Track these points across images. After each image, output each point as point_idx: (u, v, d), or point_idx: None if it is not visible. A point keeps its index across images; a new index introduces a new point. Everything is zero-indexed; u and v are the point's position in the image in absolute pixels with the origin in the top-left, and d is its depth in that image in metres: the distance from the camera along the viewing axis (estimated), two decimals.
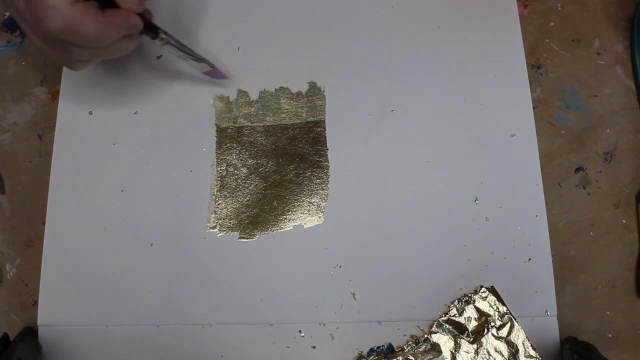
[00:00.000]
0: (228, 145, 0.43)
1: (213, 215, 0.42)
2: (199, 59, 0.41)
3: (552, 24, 0.46)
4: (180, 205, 0.42)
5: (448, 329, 0.39)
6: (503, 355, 0.38)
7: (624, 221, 0.42)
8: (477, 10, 0.45)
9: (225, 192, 0.42)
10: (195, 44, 0.45)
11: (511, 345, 0.38)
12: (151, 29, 0.38)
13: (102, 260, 0.41)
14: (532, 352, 0.38)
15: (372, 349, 0.40)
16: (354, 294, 0.40)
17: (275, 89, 0.44)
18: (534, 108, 0.43)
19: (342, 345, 0.40)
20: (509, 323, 0.39)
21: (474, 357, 0.38)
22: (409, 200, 0.42)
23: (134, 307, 0.40)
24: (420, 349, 0.39)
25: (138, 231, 0.41)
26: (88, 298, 0.40)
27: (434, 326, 0.39)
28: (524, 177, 0.42)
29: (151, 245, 0.41)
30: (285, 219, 0.42)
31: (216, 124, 0.43)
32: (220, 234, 0.41)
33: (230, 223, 0.42)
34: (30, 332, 0.39)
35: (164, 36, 0.38)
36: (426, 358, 0.39)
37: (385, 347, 0.40)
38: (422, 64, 0.44)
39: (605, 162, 0.43)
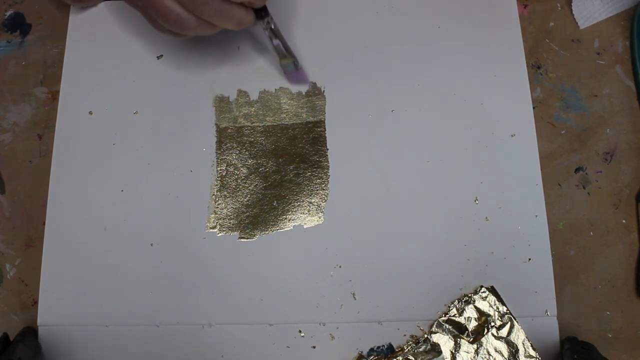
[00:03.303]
0: (228, 145, 0.43)
1: (213, 215, 0.42)
2: (290, 54, 0.42)
3: (552, 24, 0.46)
4: (180, 205, 0.42)
5: (448, 329, 0.39)
6: (503, 355, 0.38)
7: (624, 221, 0.42)
8: (477, 11, 0.45)
9: (225, 192, 0.42)
10: (195, 44, 0.45)
11: (511, 345, 0.38)
12: (262, 10, 0.38)
13: (102, 261, 0.41)
14: (532, 352, 0.38)
15: (372, 349, 0.40)
16: (354, 294, 0.40)
17: (275, 89, 0.44)
18: (534, 108, 0.43)
19: (342, 345, 0.40)
20: (509, 323, 0.39)
21: (474, 357, 0.38)
22: (409, 201, 0.42)
23: (134, 307, 0.40)
24: (420, 349, 0.39)
25: (138, 231, 0.41)
26: (88, 298, 0.40)
27: (434, 326, 0.39)
28: (524, 177, 0.42)
29: (151, 245, 0.41)
30: (285, 219, 0.42)
31: (216, 124, 0.43)
32: (220, 234, 0.41)
33: (230, 223, 0.42)
34: (30, 332, 0.39)
35: (269, 20, 0.39)
36: (426, 358, 0.39)
37: (385, 347, 0.40)
38: (422, 64, 0.44)
39: (605, 162, 0.43)
